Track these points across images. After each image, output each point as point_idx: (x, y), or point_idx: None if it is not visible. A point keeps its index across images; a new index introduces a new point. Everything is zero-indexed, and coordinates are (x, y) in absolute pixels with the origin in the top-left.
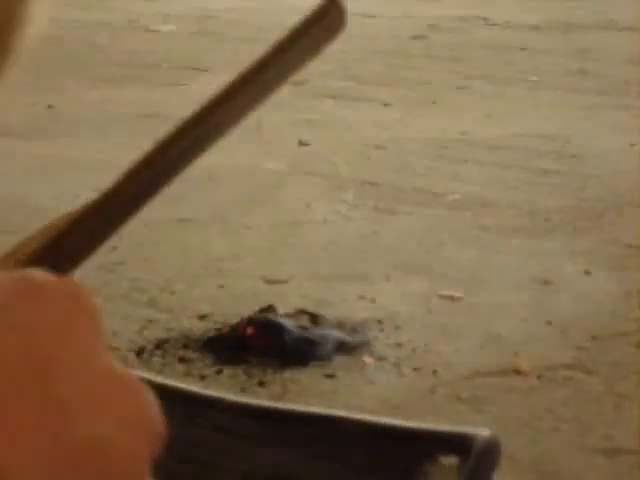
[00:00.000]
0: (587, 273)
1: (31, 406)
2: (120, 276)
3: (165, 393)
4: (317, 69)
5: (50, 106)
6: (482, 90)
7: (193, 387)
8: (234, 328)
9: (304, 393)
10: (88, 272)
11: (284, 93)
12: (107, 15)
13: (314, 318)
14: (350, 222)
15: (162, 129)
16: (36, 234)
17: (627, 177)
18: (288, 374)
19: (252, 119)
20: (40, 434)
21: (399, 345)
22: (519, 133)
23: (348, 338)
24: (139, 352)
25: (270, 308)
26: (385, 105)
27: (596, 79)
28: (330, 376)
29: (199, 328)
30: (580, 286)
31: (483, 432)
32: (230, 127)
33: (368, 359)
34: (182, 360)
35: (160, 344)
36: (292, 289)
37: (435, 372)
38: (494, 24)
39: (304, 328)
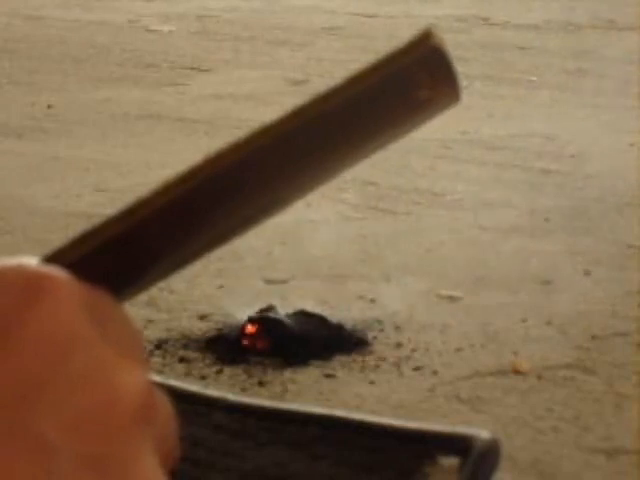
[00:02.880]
0: (587, 273)
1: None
2: None
3: (165, 393)
4: (317, 69)
5: (50, 106)
6: (482, 90)
7: (193, 386)
8: (234, 328)
9: (304, 393)
10: None
11: (284, 93)
12: (107, 15)
13: (314, 318)
14: (350, 222)
15: (162, 129)
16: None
17: (627, 177)
18: (288, 374)
19: (253, 119)
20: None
21: (399, 345)
22: (519, 133)
23: (348, 338)
24: None
25: (270, 308)
26: None
27: (596, 79)
28: (330, 376)
29: (199, 328)
30: (580, 286)
31: (483, 433)
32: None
33: (368, 359)
34: (182, 360)
35: (160, 344)
36: (292, 289)
37: (435, 372)
38: (494, 24)
39: (304, 328)
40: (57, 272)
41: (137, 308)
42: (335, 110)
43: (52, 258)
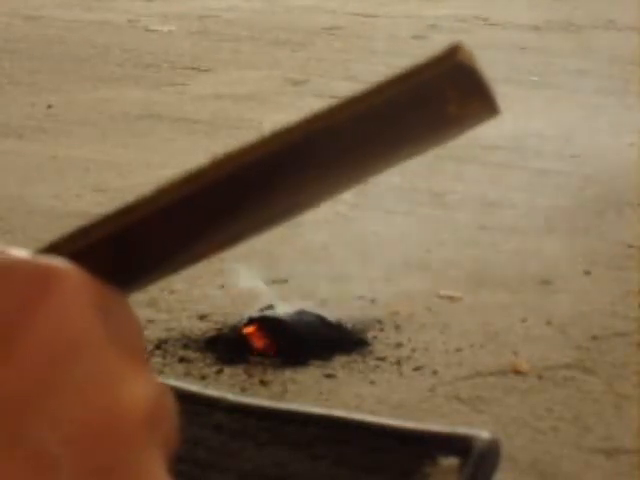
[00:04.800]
0: (587, 273)
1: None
2: None
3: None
4: (317, 69)
5: (50, 106)
6: None
7: (193, 387)
8: (234, 328)
9: (304, 393)
10: None
11: (284, 93)
12: (107, 15)
13: (314, 318)
14: (350, 222)
15: (162, 129)
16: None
17: (627, 177)
18: (288, 374)
19: (253, 119)
20: None
21: (399, 345)
22: (519, 133)
23: (348, 338)
24: None
25: (270, 308)
26: None
27: (596, 79)
28: (330, 376)
29: (199, 328)
30: (580, 286)
31: (483, 433)
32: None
33: (368, 359)
34: (182, 360)
35: (160, 344)
36: (292, 289)
37: (435, 372)
38: (494, 24)
39: (304, 328)
40: (65, 264)
41: (137, 308)
42: (354, 119)
43: (53, 248)
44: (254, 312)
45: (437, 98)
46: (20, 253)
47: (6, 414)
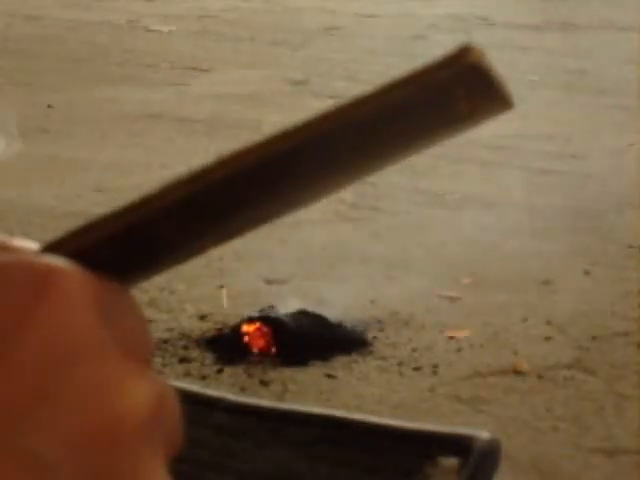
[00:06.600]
0: (587, 273)
1: None
2: None
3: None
4: (317, 69)
5: (50, 106)
6: None
7: (193, 387)
8: (234, 328)
9: (304, 393)
10: None
11: (284, 93)
12: (107, 15)
13: (314, 318)
14: (350, 222)
15: (162, 129)
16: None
17: (627, 177)
18: (288, 374)
19: (252, 119)
20: None
21: (399, 345)
22: (519, 133)
23: (348, 338)
24: None
25: (270, 308)
26: None
27: (596, 79)
28: (330, 376)
29: (199, 328)
30: (580, 286)
31: (483, 433)
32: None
33: (368, 359)
34: (182, 360)
35: (160, 344)
36: (292, 289)
37: (435, 372)
38: (494, 24)
39: (304, 328)
40: (65, 264)
41: None
42: (364, 118)
43: (54, 246)
44: (254, 312)
45: (449, 99)
46: (24, 245)
47: (3, 417)
